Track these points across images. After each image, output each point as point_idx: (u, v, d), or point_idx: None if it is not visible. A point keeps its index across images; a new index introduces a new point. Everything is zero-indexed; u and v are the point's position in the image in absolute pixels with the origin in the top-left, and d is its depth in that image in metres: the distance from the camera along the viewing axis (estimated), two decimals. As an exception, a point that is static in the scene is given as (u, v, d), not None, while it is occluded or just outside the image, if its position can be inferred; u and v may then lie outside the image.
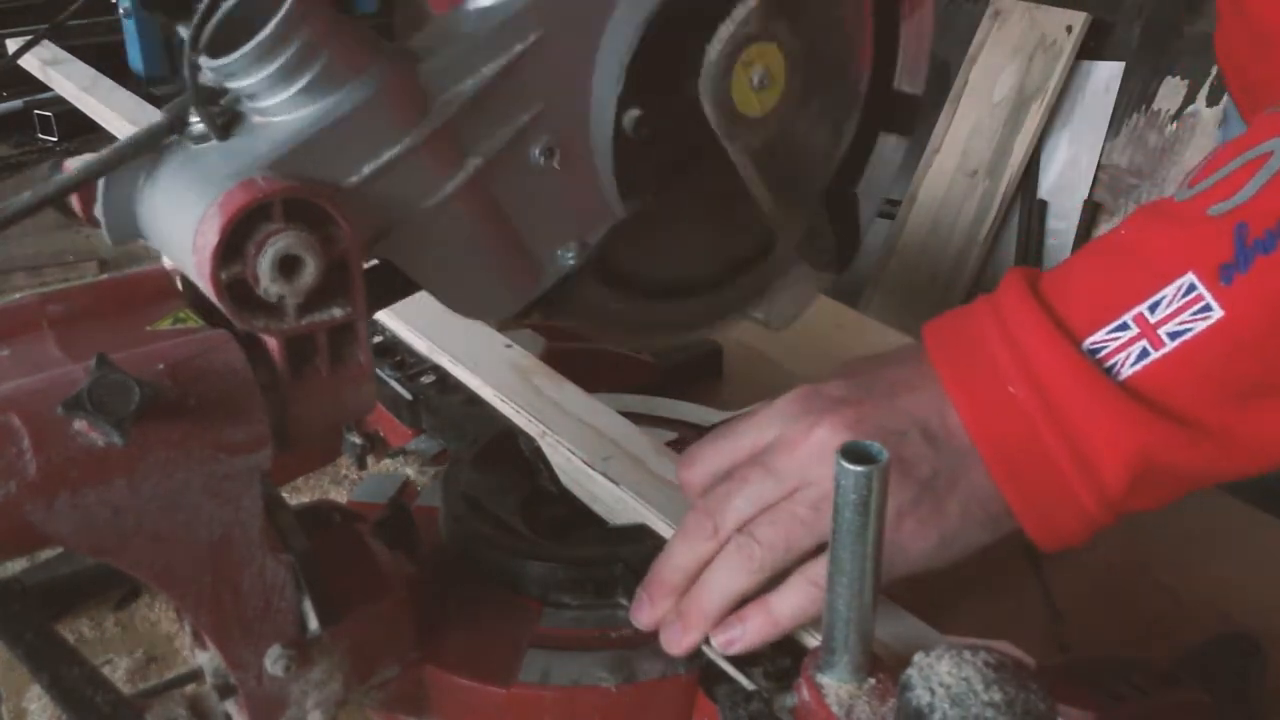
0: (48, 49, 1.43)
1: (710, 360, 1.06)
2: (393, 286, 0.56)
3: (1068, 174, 2.58)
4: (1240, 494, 0.88)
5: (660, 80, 0.56)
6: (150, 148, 0.50)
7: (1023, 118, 2.59)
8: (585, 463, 0.70)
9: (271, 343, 0.49)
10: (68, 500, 0.43)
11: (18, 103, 2.06)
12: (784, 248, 0.69)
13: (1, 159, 1.93)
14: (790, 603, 0.57)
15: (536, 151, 0.54)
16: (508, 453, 0.75)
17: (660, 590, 0.60)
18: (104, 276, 0.54)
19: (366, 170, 0.49)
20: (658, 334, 0.70)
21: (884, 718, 0.49)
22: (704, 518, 0.59)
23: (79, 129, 1.98)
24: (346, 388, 0.51)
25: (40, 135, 1.98)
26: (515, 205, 0.55)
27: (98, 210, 0.52)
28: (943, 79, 2.73)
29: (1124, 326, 0.53)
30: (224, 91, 0.50)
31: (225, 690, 0.54)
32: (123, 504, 0.44)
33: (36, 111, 2.02)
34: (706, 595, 0.58)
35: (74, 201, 0.53)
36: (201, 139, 0.50)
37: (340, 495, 0.85)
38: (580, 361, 0.99)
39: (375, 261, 0.54)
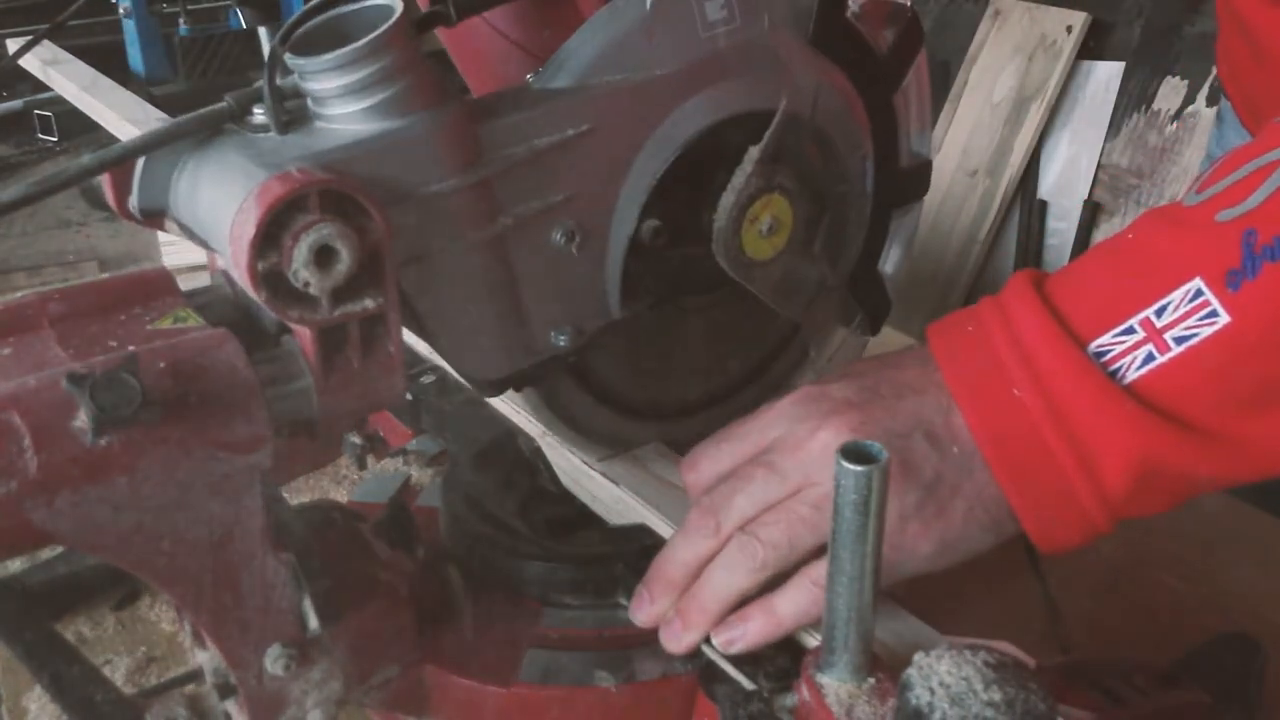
0: (48, 49, 1.43)
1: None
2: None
3: (1068, 174, 2.58)
4: (1240, 494, 0.88)
5: (681, 203, 0.60)
6: (207, 129, 0.51)
7: (1023, 118, 2.59)
8: (585, 463, 0.70)
9: (304, 333, 0.49)
10: (68, 499, 0.43)
11: (18, 103, 2.07)
12: (811, 336, 0.72)
13: (1, 159, 1.93)
14: (793, 602, 0.57)
15: (559, 233, 0.57)
16: (508, 453, 0.75)
17: (661, 587, 0.60)
18: (104, 276, 0.54)
19: (409, 196, 0.51)
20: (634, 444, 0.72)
21: (884, 717, 0.49)
22: (706, 515, 0.59)
23: (79, 129, 1.98)
24: (377, 378, 0.52)
25: (40, 135, 1.99)
26: (527, 275, 0.57)
27: (131, 201, 0.53)
28: (943, 79, 2.73)
29: (1130, 330, 0.53)
30: (294, 94, 0.52)
31: (225, 690, 0.54)
32: (123, 503, 0.44)
33: (36, 111, 2.02)
34: (708, 593, 0.58)
35: (108, 191, 0.53)
36: (259, 130, 0.51)
37: (340, 495, 0.86)
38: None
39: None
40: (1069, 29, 2.56)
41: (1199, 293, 0.51)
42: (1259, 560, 0.81)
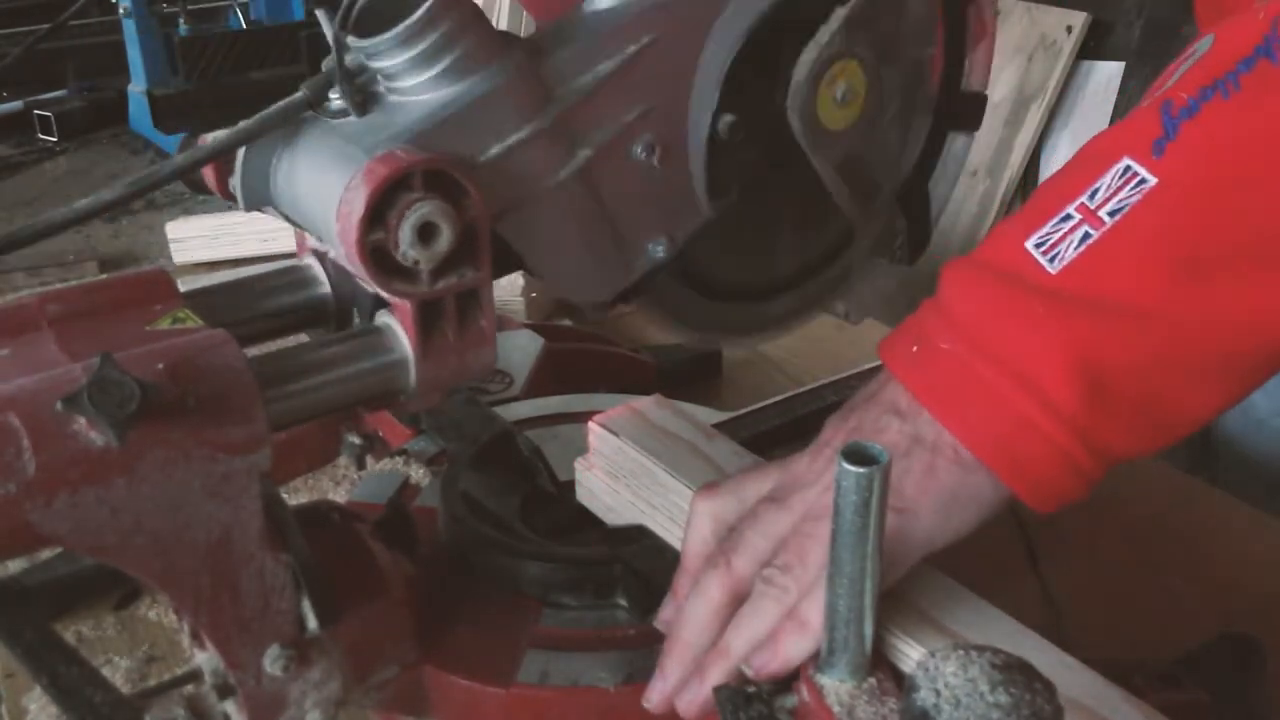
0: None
1: (710, 360, 1.06)
2: (501, 263, 0.60)
3: (1068, 174, 2.58)
4: (1241, 494, 0.88)
5: (752, 91, 0.61)
6: (288, 121, 0.54)
7: (1023, 118, 2.59)
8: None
9: (404, 307, 0.52)
10: (67, 500, 0.43)
11: (18, 103, 2.07)
12: (860, 246, 0.74)
13: (1, 159, 1.93)
14: (817, 607, 0.55)
15: (639, 148, 0.58)
16: (508, 453, 0.75)
17: (679, 654, 0.57)
18: (104, 276, 0.55)
19: (493, 151, 0.53)
20: (733, 335, 0.74)
21: (885, 718, 0.49)
22: (717, 557, 0.57)
23: (79, 129, 1.99)
24: (470, 350, 0.54)
25: (40, 135, 1.99)
26: (615, 197, 0.58)
27: (233, 181, 0.56)
28: (943, 79, 2.73)
29: (1067, 218, 0.53)
30: (362, 71, 0.53)
31: (225, 690, 0.54)
32: (121, 504, 0.44)
33: (36, 111, 2.02)
34: (739, 640, 0.55)
35: (209, 175, 0.57)
36: (339, 114, 0.53)
37: (339, 495, 0.85)
38: (580, 362, 0.99)
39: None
40: (1069, 29, 2.56)
41: (1128, 168, 0.52)
42: (1258, 560, 0.81)
